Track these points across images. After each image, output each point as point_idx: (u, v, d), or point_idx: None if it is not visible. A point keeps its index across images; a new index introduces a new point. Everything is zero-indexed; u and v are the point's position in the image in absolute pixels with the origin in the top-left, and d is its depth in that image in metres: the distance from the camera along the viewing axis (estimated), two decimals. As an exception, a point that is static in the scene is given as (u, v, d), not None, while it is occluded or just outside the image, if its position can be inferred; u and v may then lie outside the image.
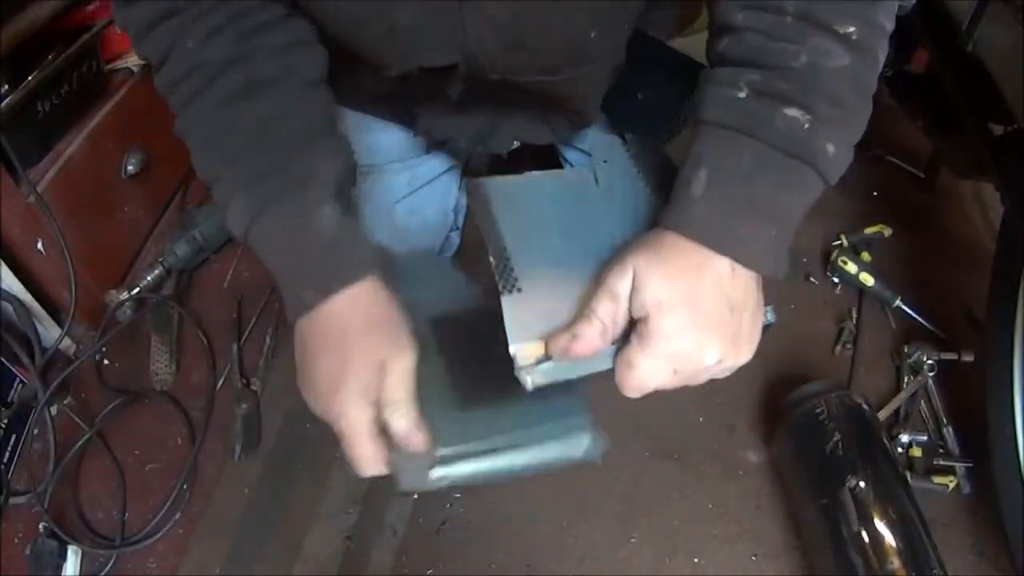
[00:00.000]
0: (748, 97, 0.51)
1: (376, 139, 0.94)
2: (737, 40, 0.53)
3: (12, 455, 0.93)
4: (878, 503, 0.73)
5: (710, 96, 0.52)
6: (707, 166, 0.50)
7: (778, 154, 0.50)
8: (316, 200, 0.54)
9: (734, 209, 0.50)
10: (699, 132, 0.52)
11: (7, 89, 0.87)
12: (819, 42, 0.50)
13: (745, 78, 0.51)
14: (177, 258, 1.11)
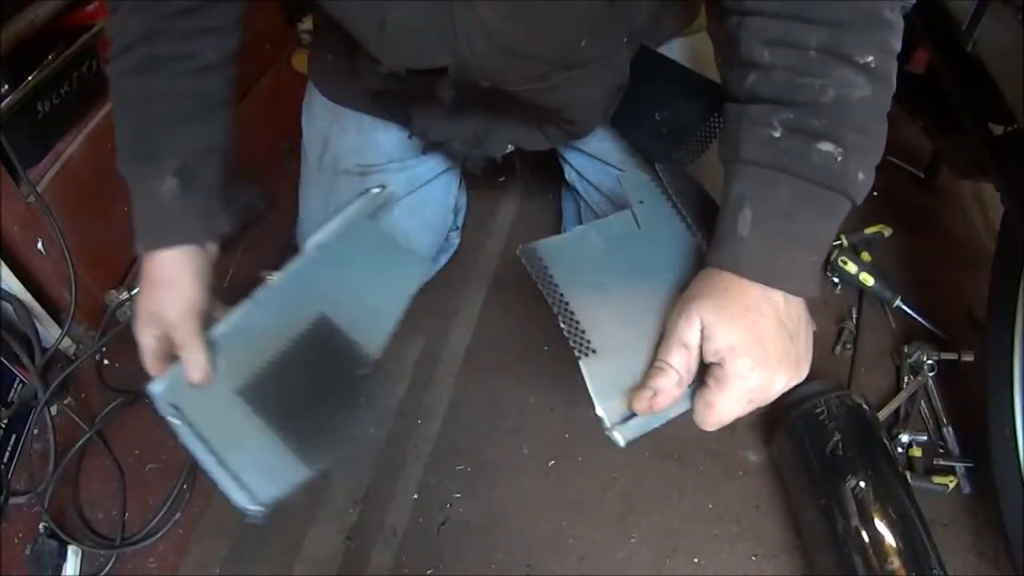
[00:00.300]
0: (783, 136, 0.54)
1: (374, 139, 0.94)
2: (766, 77, 0.55)
3: (12, 455, 0.93)
4: (878, 503, 0.73)
5: (747, 136, 0.55)
6: (751, 206, 0.54)
7: (815, 187, 0.54)
8: (161, 173, 0.66)
9: (781, 244, 0.53)
10: (738, 171, 0.55)
11: (7, 89, 0.87)
12: (843, 74, 0.54)
13: (778, 117, 0.54)
14: (177, 258, 1.11)
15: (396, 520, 0.87)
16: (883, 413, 0.92)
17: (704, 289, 0.54)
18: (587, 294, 0.59)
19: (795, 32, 0.55)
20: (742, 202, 0.54)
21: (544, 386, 0.98)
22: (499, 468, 0.91)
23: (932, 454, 0.90)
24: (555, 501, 0.88)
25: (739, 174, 0.55)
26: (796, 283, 0.54)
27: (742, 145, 0.55)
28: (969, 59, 0.78)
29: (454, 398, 0.98)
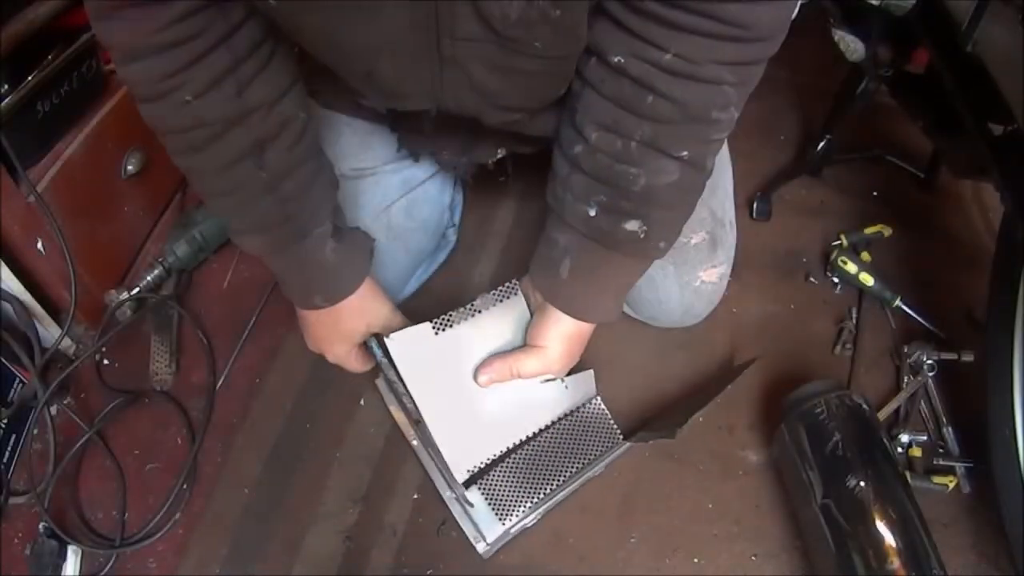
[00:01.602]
0: (598, 215, 0.67)
1: (368, 142, 0.94)
2: (590, 156, 0.65)
3: (12, 455, 0.93)
4: (878, 503, 0.73)
5: (570, 208, 0.68)
6: (569, 258, 0.71)
7: (618, 255, 0.69)
8: (321, 244, 0.73)
9: (589, 289, 0.73)
10: (563, 228, 0.70)
11: (7, 89, 0.87)
12: (656, 164, 0.63)
13: (595, 197, 0.66)
14: (177, 258, 1.11)
15: (396, 520, 0.87)
16: (883, 413, 0.92)
17: (543, 322, 0.77)
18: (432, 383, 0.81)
19: (623, 123, 0.62)
20: (565, 254, 0.71)
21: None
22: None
23: (932, 454, 0.90)
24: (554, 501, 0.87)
25: (563, 231, 0.71)
26: (595, 316, 0.75)
27: (566, 212, 0.69)
28: (969, 59, 0.78)
29: (454, 398, 0.98)
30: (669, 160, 0.62)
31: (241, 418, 0.98)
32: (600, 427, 0.89)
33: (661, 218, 0.66)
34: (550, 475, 0.84)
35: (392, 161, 0.95)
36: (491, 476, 0.84)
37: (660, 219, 0.66)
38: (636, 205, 0.65)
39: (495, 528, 0.82)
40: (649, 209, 0.65)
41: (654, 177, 0.63)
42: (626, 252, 0.69)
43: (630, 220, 0.65)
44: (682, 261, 0.91)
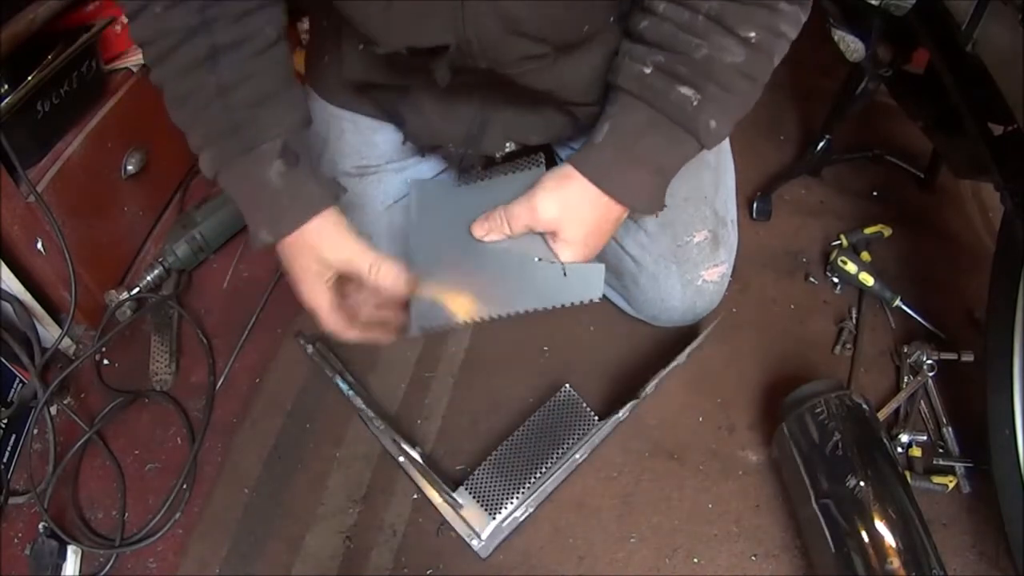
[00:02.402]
0: (652, 73, 0.63)
1: (372, 140, 0.93)
2: (655, 26, 0.64)
3: (12, 455, 0.93)
4: (878, 503, 0.73)
5: (624, 68, 0.65)
6: (609, 121, 0.66)
7: (666, 121, 0.64)
8: (266, 160, 0.65)
9: (623, 158, 0.66)
10: (613, 96, 0.67)
11: (7, 89, 0.87)
12: (721, 40, 0.61)
13: (652, 58, 0.64)
14: (177, 258, 1.11)
15: (396, 520, 0.87)
16: (883, 413, 0.92)
17: (554, 176, 0.68)
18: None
19: None
20: (606, 118, 0.66)
21: (543, 386, 0.98)
22: (499, 468, 0.91)
23: (932, 454, 0.90)
24: (555, 501, 0.87)
25: (612, 99, 0.67)
26: (628, 194, 0.67)
27: (619, 75, 0.65)
28: (969, 59, 0.78)
29: (454, 398, 0.98)
30: (735, 39, 0.61)
31: (241, 418, 0.98)
32: (574, 412, 0.89)
33: (716, 95, 0.63)
34: (533, 466, 0.85)
35: (395, 160, 0.94)
36: (476, 475, 0.85)
37: (715, 96, 0.63)
38: (693, 73, 0.62)
39: (487, 524, 0.82)
40: (706, 81, 0.62)
41: (717, 52, 0.61)
42: (674, 118, 0.63)
43: (684, 85, 0.62)
44: (685, 259, 0.91)
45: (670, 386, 0.98)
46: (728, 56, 0.61)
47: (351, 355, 1.03)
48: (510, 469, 0.85)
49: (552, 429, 0.88)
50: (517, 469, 0.85)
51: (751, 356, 1.01)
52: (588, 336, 1.05)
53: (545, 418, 0.89)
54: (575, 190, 0.67)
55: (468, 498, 0.83)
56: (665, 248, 0.90)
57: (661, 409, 0.96)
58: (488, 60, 0.68)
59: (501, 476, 0.85)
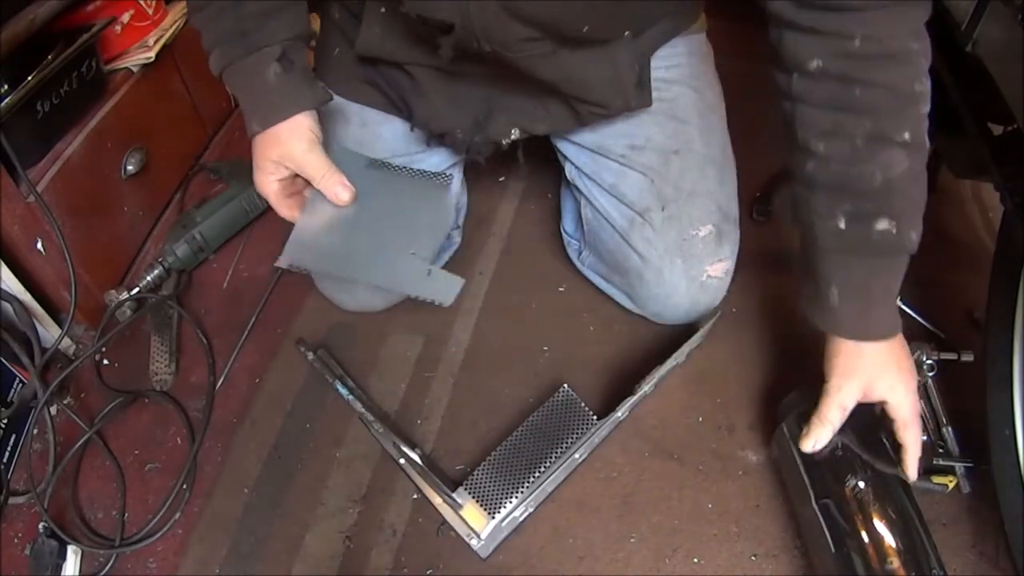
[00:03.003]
0: (847, 226, 0.68)
1: (378, 132, 0.94)
2: (823, 167, 0.68)
3: (12, 455, 0.93)
4: (878, 503, 0.73)
5: (820, 230, 0.70)
6: (836, 284, 0.71)
7: (881, 259, 0.69)
8: (266, 62, 0.77)
9: (864, 308, 0.72)
10: (819, 255, 0.72)
11: (7, 89, 0.87)
12: (886, 156, 0.65)
13: (841, 208, 0.68)
14: (177, 258, 1.11)
15: (396, 520, 0.87)
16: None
17: (837, 361, 0.74)
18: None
19: (843, 124, 0.66)
20: (829, 281, 0.71)
21: (543, 386, 0.98)
22: (499, 468, 0.91)
23: (932, 454, 0.89)
24: (554, 501, 0.88)
25: (820, 257, 0.72)
26: (880, 331, 0.73)
27: (818, 237, 0.70)
28: (969, 59, 0.78)
29: (454, 398, 0.99)
30: (895, 147, 0.65)
31: (241, 418, 0.98)
32: (572, 412, 0.89)
33: (906, 209, 0.67)
34: (533, 465, 0.85)
35: (401, 155, 0.95)
36: (476, 475, 0.85)
37: (905, 209, 0.67)
38: (880, 204, 0.66)
39: (487, 524, 0.82)
40: (892, 203, 0.66)
41: (888, 170, 0.65)
42: (885, 253, 0.69)
43: (879, 219, 0.67)
44: (690, 254, 0.91)
45: (670, 386, 0.98)
46: (897, 168, 0.65)
47: (352, 357, 1.03)
48: (510, 469, 0.85)
49: (551, 429, 0.88)
50: (517, 469, 0.85)
51: (751, 356, 1.01)
52: (588, 336, 1.05)
53: (544, 418, 0.89)
54: (854, 358, 0.73)
55: (468, 498, 0.83)
56: (671, 242, 0.90)
57: (661, 409, 0.96)
58: (491, 42, 0.72)
59: (501, 476, 0.85)
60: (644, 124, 0.92)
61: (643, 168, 0.92)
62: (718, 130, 0.96)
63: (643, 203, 0.92)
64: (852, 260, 0.70)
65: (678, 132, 0.92)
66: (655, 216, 0.91)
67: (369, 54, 0.86)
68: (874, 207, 0.67)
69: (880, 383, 0.73)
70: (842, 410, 0.74)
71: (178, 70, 1.22)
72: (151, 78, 1.14)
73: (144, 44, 1.12)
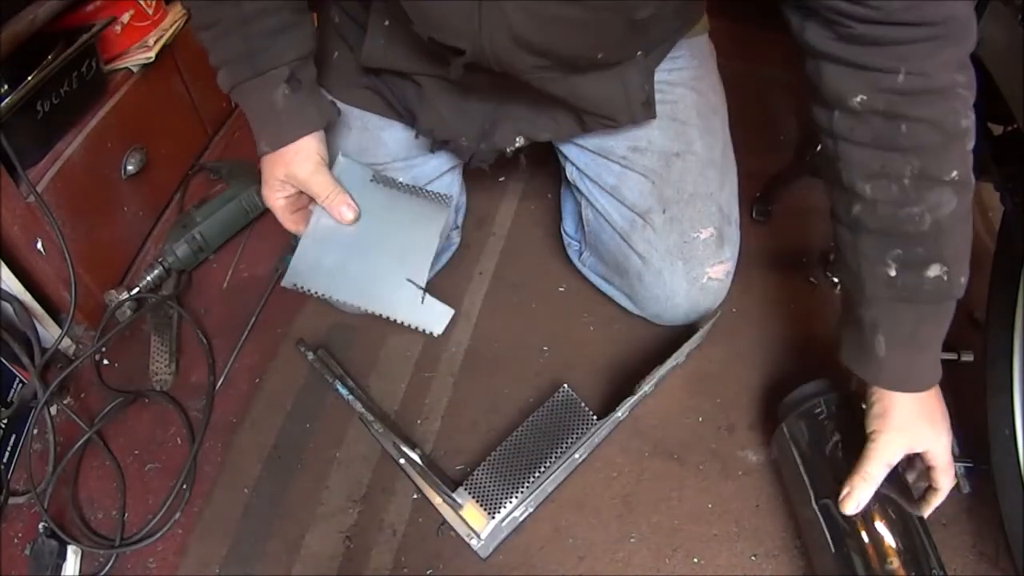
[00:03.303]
0: (898, 273, 0.66)
1: (379, 137, 0.94)
2: (871, 210, 0.66)
3: (12, 455, 0.93)
4: (878, 503, 0.73)
5: (868, 274, 0.68)
6: (882, 332, 0.69)
7: (931, 306, 0.67)
8: (275, 83, 0.78)
9: (911, 357, 0.69)
10: (866, 302, 0.69)
11: (7, 89, 0.87)
12: (934, 196, 0.63)
13: (891, 255, 0.66)
14: (177, 258, 1.11)
15: (396, 520, 0.87)
16: (883, 413, 0.92)
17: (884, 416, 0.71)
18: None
19: (890, 164, 0.63)
20: (876, 329, 0.69)
21: (543, 386, 0.98)
22: (499, 468, 0.91)
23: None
24: (555, 501, 0.88)
25: (867, 305, 0.69)
26: (926, 381, 0.71)
27: (866, 284, 0.68)
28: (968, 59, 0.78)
29: (454, 398, 0.99)
30: (943, 187, 0.63)
31: (241, 418, 0.98)
32: (573, 412, 0.89)
33: (955, 252, 0.65)
34: (532, 465, 0.85)
35: (401, 159, 0.95)
36: (476, 475, 0.85)
37: (955, 253, 0.65)
38: (930, 248, 0.64)
39: (487, 524, 0.82)
40: (943, 247, 0.65)
41: (936, 211, 0.63)
42: (935, 300, 0.67)
43: (931, 266, 0.65)
44: (691, 256, 0.91)
45: (670, 386, 0.98)
46: (946, 208, 0.63)
47: (352, 357, 1.03)
48: (510, 469, 0.85)
49: (551, 429, 0.88)
50: (516, 469, 0.85)
51: (751, 356, 1.01)
52: (588, 336, 1.05)
53: (544, 418, 0.89)
54: (901, 411, 0.71)
55: (468, 498, 0.83)
56: (672, 244, 0.90)
57: (661, 409, 0.96)
58: (501, 66, 0.72)
59: (500, 476, 0.85)
60: (646, 126, 0.92)
61: (644, 170, 0.92)
62: (720, 132, 0.96)
63: (644, 205, 0.92)
64: (901, 308, 0.67)
65: (680, 134, 0.92)
66: (656, 218, 0.91)
67: (373, 65, 0.85)
68: (925, 252, 0.65)
69: (925, 435, 0.71)
70: (887, 467, 0.71)
71: (178, 70, 1.22)
72: (151, 78, 1.14)
73: (144, 44, 1.12)
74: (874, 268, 0.67)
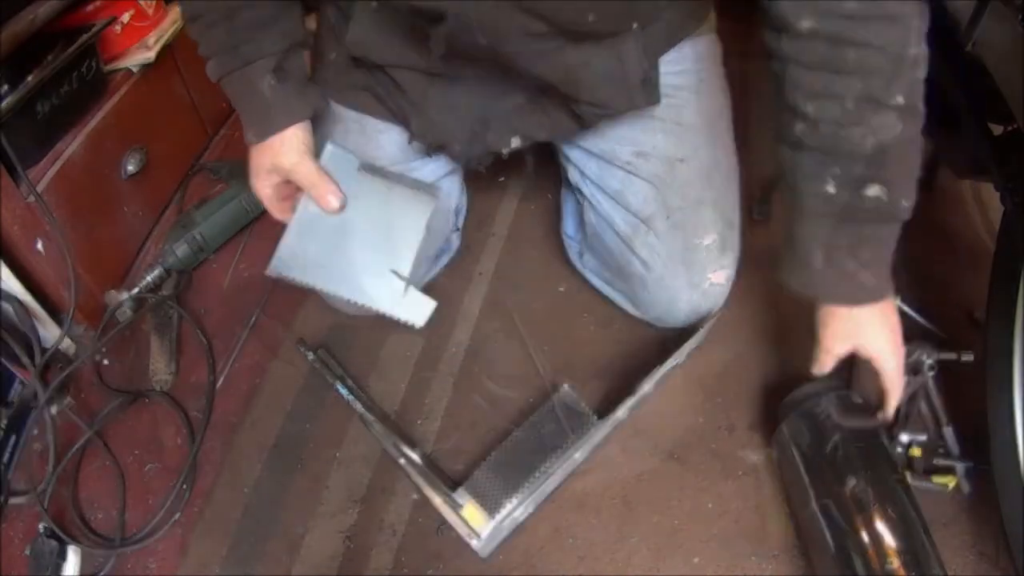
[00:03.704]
0: (836, 191, 0.66)
1: (377, 140, 0.94)
2: (812, 130, 0.66)
3: (12, 455, 0.93)
4: (878, 503, 0.73)
5: (806, 190, 0.69)
6: (820, 246, 0.70)
7: (870, 225, 0.68)
8: (260, 74, 0.78)
9: (850, 273, 0.70)
10: (805, 219, 0.70)
11: (7, 89, 0.87)
12: (878, 119, 0.63)
13: (830, 172, 0.66)
14: (177, 258, 1.11)
15: (396, 520, 0.87)
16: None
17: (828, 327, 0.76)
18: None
19: (833, 85, 0.64)
20: (813, 243, 0.70)
21: (543, 386, 0.98)
22: (499, 468, 0.91)
23: (932, 454, 0.89)
24: (555, 501, 0.88)
25: (805, 221, 0.70)
26: (865, 296, 0.72)
27: (805, 201, 0.69)
28: (969, 58, 0.78)
29: (454, 398, 0.99)
30: (887, 111, 0.63)
31: (241, 418, 0.98)
32: (573, 412, 0.89)
33: (897, 175, 0.66)
34: (533, 465, 0.85)
35: (400, 162, 0.94)
36: (476, 475, 0.85)
37: (897, 176, 0.66)
38: (870, 168, 0.65)
39: (486, 524, 0.82)
40: (883, 169, 0.65)
41: (879, 133, 0.64)
42: (875, 219, 0.68)
43: (870, 185, 0.65)
44: (693, 262, 0.91)
45: (670, 386, 0.98)
46: (890, 132, 0.64)
47: (352, 357, 1.03)
48: (510, 469, 0.85)
49: (552, 429, 0.88)
50: (517, 469, 0.85)
51: (751, 356, 1.01)
52: (588, 336, 1.05)
53: (544, 418, 0.89)
54: (839, 322, 0.74)
55: (468, 498, 0.83)
56: (675, 250, 0.90)
57: (661, 409, 0.96)
58: (487, 34, 0.70)
59: (501, 476, 0.85)
60: (650, 131, 0.92)
61: (649, 176, 0.92)
62: (724, 136, 0.96)
63: (648, 211, 0.92)
64: (839, 225, 0.68)
65: (684, 139, 0.92)
66: (660, 224, 0.91)
67: (357, 52, 0.85)
68: (865, 172, 0.65)
69: (871, 345, 0.75)
70: (833, 357, 0.77)
71: (178, 70, 1.22)
72: (151, 78, 1.14)
73: (144, 44, 1.13)
74: (813, 185, 0.68)
